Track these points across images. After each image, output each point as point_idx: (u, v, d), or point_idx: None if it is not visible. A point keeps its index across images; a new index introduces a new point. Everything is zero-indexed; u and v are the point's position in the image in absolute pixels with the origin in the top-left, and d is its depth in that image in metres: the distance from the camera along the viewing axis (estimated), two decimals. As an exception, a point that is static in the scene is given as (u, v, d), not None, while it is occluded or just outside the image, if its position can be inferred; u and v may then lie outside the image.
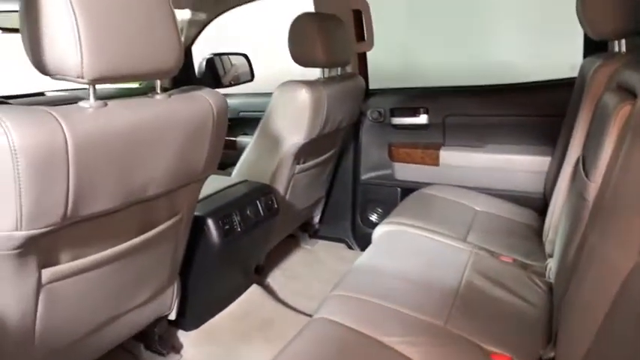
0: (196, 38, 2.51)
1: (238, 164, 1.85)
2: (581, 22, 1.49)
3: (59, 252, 0.96)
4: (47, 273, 0.94)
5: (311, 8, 2.12)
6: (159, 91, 1.02)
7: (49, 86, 1.91)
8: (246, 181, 1.75)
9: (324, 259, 2.29)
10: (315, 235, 2.47)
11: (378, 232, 1.65)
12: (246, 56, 2.60)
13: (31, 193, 0.77)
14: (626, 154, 0.81)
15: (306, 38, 1.70)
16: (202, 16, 2.36)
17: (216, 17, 2.41)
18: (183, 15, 2.36)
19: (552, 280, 1.33)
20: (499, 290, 1.28)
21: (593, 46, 1.70)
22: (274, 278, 2.07)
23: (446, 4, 2.97)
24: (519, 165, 1.97)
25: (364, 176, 2.34)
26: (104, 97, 0.90)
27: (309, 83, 1.68)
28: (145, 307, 1.34)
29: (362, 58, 2.22)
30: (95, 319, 1.15)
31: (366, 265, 1.40)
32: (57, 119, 0.79)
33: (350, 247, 2.42)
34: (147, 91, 1.32)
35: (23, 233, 0.81)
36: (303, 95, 1.65)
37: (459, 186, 2.04)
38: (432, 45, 3.00)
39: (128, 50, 0.87)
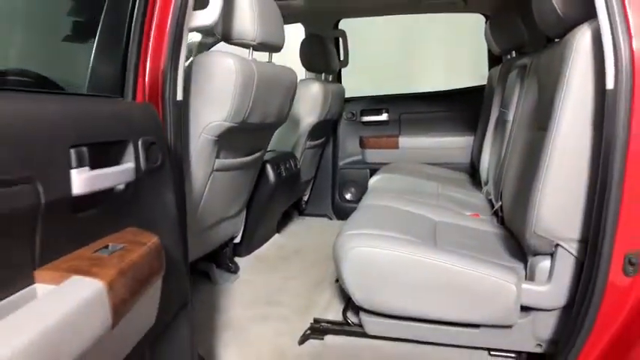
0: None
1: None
2: (488, 43, 2.43)
3: (222, 151, 1.54)
4: (217, 162, 1.52)
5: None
6: (271, 60, 1.68)
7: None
8: (274, 150, 2.39)
9: (314, 225, 2.91)
10: (302, 213, 3.09)
11: (373, 180, 2.36)
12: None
13: (238, 98, 1.39)
14: (526, 91, 1.65)
15: (316, 52, 2.46)
16: (211, 39, 3.00)
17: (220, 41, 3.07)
18: (195, 38, 2.98)
19: (491, 197, 2.14)
20: (463, 197, 2.07)
21: (493, 61, 2.68)
22: (283, 235, 2.65)
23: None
24: (452, 144, 2.85)
25: (341, 162, 3.05)
26: None
27: (319, 81, 2.42)
28: (230, 221, 1.90)
29: (338, 74, 3.01)
30: (220, 213, 1.71)
31: (376, 188, 2.11)
32: (252, 62, 1.43)
33: (330, 219, 3.07)
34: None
35: (227, 124, 1.41)
36: (318, 89, 2.37)
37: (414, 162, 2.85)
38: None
39: (270, 31, 1.54)
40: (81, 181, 0.70)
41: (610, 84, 0.98)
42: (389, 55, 4.04)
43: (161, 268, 0.84)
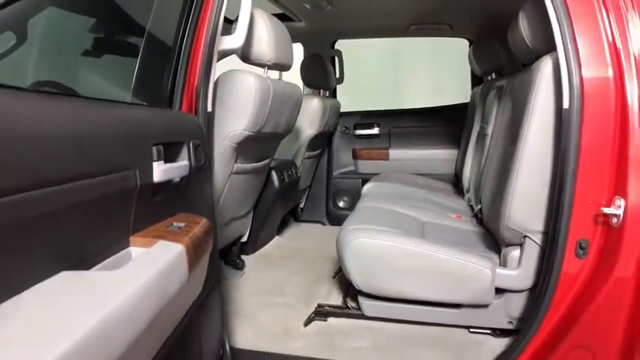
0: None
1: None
2: (471, 65, 2.72)
3: (239, 156, 1.76)
4: (235, 166, 1.74)
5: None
6: (282, 78, 1.92)
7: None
8: (278, 159, 2.61)
9: (309, 229, 3.13)
10: (298, 219, 3.30)
11: (366, 187, 2.60)
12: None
13: (256, 111, 1.62)
14: (502, 109, 1.91)
15: (316, 70, 2.71)
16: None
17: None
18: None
19: (472, 203, 2.39)
20: (447, 202, 2.31)
21: (476, 81, 2.96)
22: (283, 238, 2.86)
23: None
24: (438, 156, 3.11)
25: (335, 172, 3.29)
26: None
27: (318, 97, 2.66)
28: (240, 220, 2.11)
29: (334, 90, 3.27)
30: (233, 212, 1.92)
31: (370, 194, 2.35)
32: (267, 79, 1.66)
33: (324, 225, 3.29)
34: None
35: (246, 133, 1.63)
36: (317, 104, 2.61)
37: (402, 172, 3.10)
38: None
39: (283, 54, 1.78)
40: (159, 171, 0.92)
41: (566, 104, 1.22)
42: (381, 74, 4.34)
43: (211, 244, 1.05)
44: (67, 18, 1.69)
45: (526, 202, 1.40)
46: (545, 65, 1.35)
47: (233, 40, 1.47)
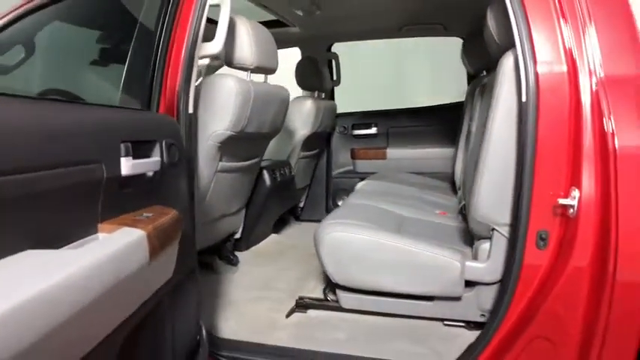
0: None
1: (265, 148, 2.79)
2: (464, 64, 2.75)
3: (224, 155, 1.85)
4: (220, 165, 1.83)
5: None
6: (267, 81, 2.00)
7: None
8: (271, 159, 2.69)
9: (308, 228, 3.19)
10: (298, 218, 3.38)
11: (359, 185, 2.66)
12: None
13: (237, 112, 1.71)
14: (483, 105, 1.95)
15: (309, 73, 2.79)
16: (216, 63, 3.34)
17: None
18: (203, 62, 3.32)
19: (464, 202, 2.42)
20: (437, 199, 2.35)
21: (471, 78, 3.00)
22: (280, 235, 2.93)
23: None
24: (436, 155, 3.15)
25: (334, 172, 3.36)
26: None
27: (312, 98, 2.74)
28: (231, 217, 2.19)
29: (331, 92, 3.34)
30: (222, 209, 2.01)
31: (360, 191, 2.41)
32: (249, 82, 1.74)
33: (324, 224, 3.35)
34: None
35: (228, 133, 1.72)
36: (310, 105, 2.69)
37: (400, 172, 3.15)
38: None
39: (265, 58, 1.86)
40: (127, 166, 1.00)
41: (524, 98, 1.26)
42: (380, 75, 4.40)
43: (179, 234, 1.13)
44: (65, 31, 1.81)
45: (492, 195, 1.44)
46: (508, 60, 1.40)
47: (212, 46, 1.56)
